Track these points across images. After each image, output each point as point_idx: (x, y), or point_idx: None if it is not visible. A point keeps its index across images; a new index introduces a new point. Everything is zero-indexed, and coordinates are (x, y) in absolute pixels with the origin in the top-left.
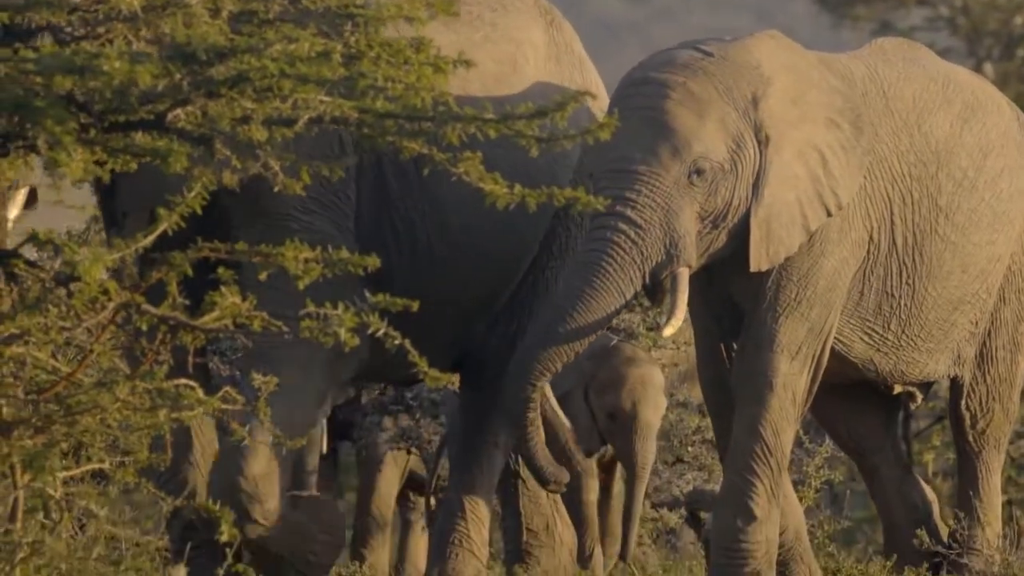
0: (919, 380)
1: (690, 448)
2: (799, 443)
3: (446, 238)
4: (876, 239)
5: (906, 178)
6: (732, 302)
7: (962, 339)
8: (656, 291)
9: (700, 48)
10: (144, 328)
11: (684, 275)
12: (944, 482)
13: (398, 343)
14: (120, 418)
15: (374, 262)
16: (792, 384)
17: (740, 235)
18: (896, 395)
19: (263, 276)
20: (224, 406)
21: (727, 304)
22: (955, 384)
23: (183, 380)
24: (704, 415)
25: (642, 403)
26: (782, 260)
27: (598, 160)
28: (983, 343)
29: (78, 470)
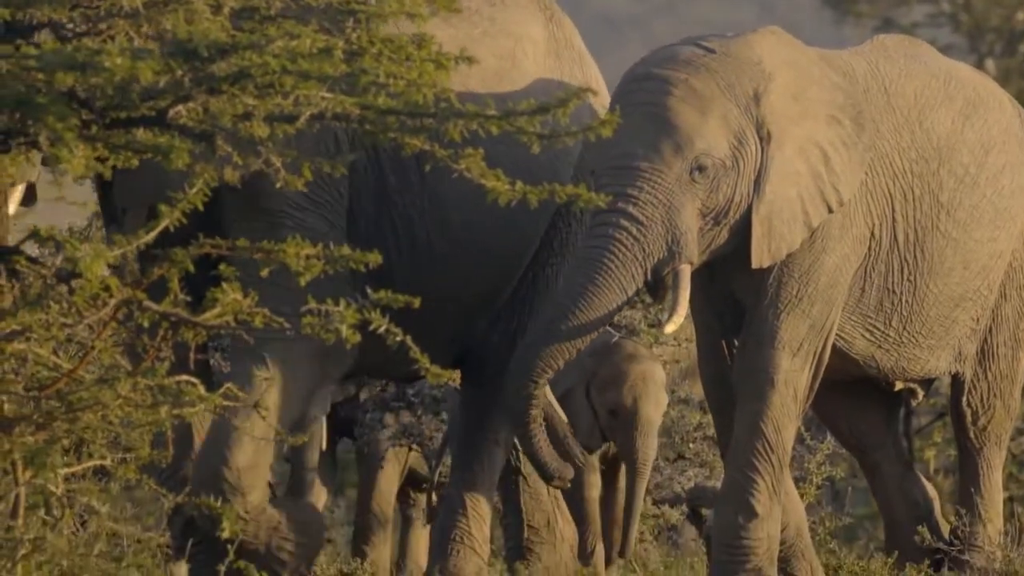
0: (920, 377)
1: (691, 445)
2: (800, 440)
3: (447, 235)
4: (877, 235)
5: (907, 174)
6: (734, 298)
7: (963, 336)
8: (658, 288)
9: (702, 44)
10: (145, 324)
11: (686, 272)
12: (945, 479)
13: (399, 340)
14: (121, 414)
15: (375, 258)
16: (793, 381)
17: (742, 231)
18: (897, 392)
19: (265, 272)
20: (225, 403)
21: (729, 300)
22: (956, 381)
23: (184, 376)
24: (705, 412)
25: (643, 399)
26: (784, 256)
27: (600, 156)
28: (984, 340)
29: (79, 467)
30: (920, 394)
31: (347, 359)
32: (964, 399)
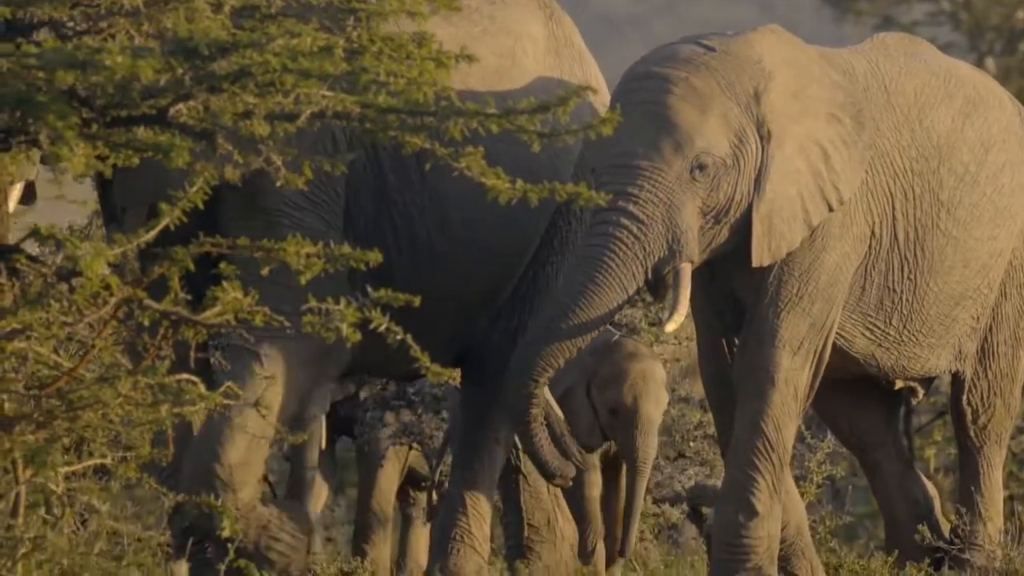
0: (920, 375)
1: (692, 443)
2: (801, 438)
3: (447, 233)
4: (878, 234)
5: (908, 173)
6: (734, 297)
7: (963, 334)
8: (658, 286)
9: (702, 43)
10: (146, 323)
11: (686, 270)
12: (946, 478)
13: (400, 338)
14: (122, 413)
15: (376, 257)
16: (794, 379)
17: (742, 230)
18: (897, 390)
19: (265, 271)
20: (226, 401)
21: (729, 299)
22: (956, 379)
23: (185, 375)
24: (706, 410)
25: (643, 398)
26: (784, 255)
27: (600, 155)
28: (984, 338)
29: (80, 465)
30: (920, 392)
31: (344, 357)
32: (964, 397)
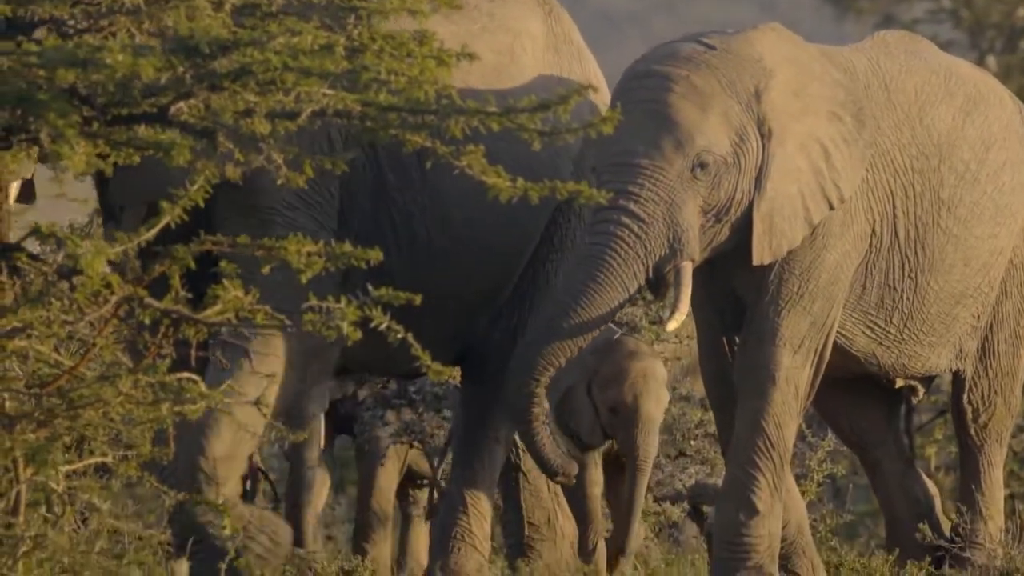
0: (921, 374)
1: (692, 442)
2: (801, 437)
3: (447, 231)
4: (878, 232)
5: (908, 171)
6: (735, 296)
7: (964, 333)
8: (659, 285)
9: (702, 41)
10: (147, 321)
11: (687, 269)
12: (946, 476)
13: (400, 337)
14: (123, 412)
15: (376, 255)
16: (794, 378)
17: (743, 229)
18: (898, 389)
19: (266, 270)
20: (227, 400)
21: (730, 298)
22: (957, 378)
23: (186, 374)
24: (707, 409)
25: (644, 397)
26: (784, 253)
27: (600, 153)
28: (985, 337)
29: (80, 464)
30: (921, 391)
31: (334, 355)
32: (965, 396)
